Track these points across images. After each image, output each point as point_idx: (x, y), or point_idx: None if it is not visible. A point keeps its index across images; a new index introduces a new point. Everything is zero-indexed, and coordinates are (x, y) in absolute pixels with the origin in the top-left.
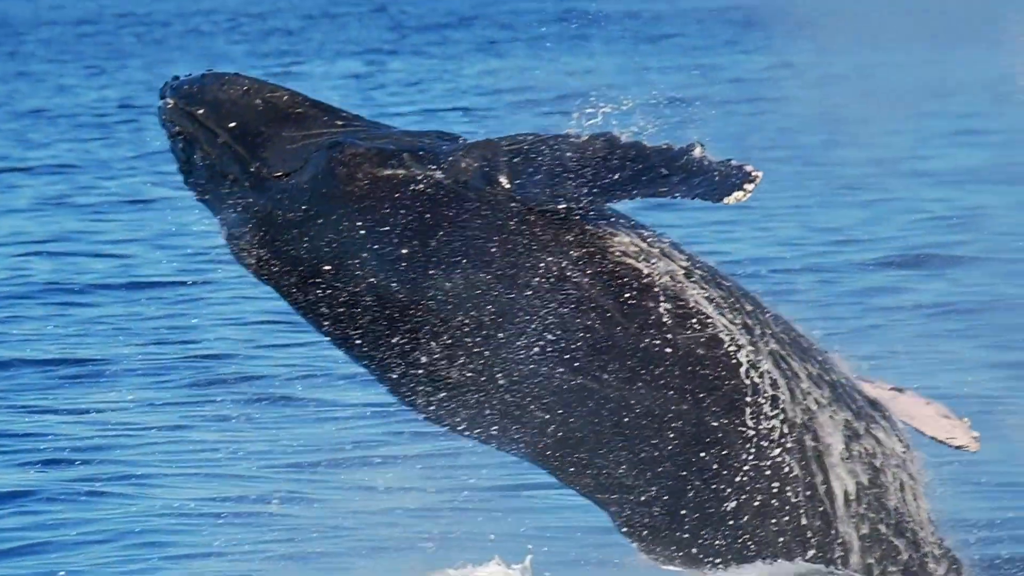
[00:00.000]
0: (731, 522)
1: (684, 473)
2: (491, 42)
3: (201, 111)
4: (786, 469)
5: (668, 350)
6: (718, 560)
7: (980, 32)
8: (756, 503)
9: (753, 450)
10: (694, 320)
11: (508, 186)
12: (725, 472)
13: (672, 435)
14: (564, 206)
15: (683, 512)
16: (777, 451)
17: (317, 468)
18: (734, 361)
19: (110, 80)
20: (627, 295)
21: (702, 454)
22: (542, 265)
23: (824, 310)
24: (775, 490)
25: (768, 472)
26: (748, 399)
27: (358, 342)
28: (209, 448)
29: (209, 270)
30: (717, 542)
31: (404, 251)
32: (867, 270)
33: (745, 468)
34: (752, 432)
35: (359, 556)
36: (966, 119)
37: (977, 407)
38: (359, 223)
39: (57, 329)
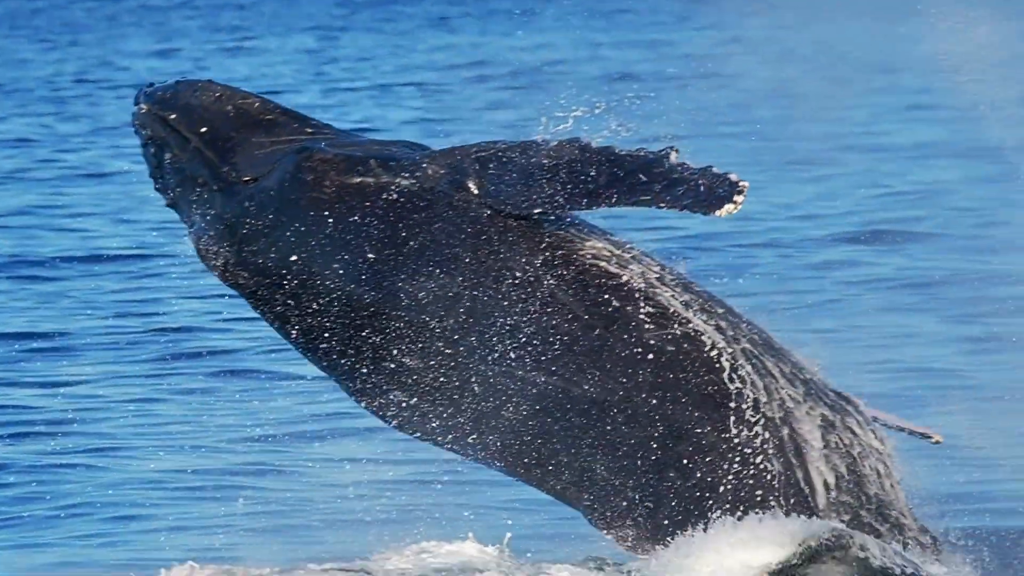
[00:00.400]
0: (711, 516)
1: (663, 470)
2: (442, 18)
3: (173, 116)
4: (766, 463)
5: (643, 351)
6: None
7: (929, 5)
8: (737, 497)
9: (733, 446)
10: (670, 321)
11: (477, 192)
12: (705, 468)
13: (651, 433)
14: (538, 211)
15: (662, 508)
16: (757, 444)
17: (286, 441)
18: (711, 360)
19: (64, 55)
20: (601, 297)
21: (681, 451)
22: (513, 269)
23: (783, 284)
24: (756, 483)
25: (749, 466)
26: (726, 397)
27: (324, 349)
28: (177, 421)
29: (171, 243)
30: (696, 534)
31: (371, 256)
32: (825, 245)
33: (725, 464)
34: (732, 428)
35: (329, 530)
36: (919, 95)
37: (939, 380)
38: (325, 228)
39: (19, 303)
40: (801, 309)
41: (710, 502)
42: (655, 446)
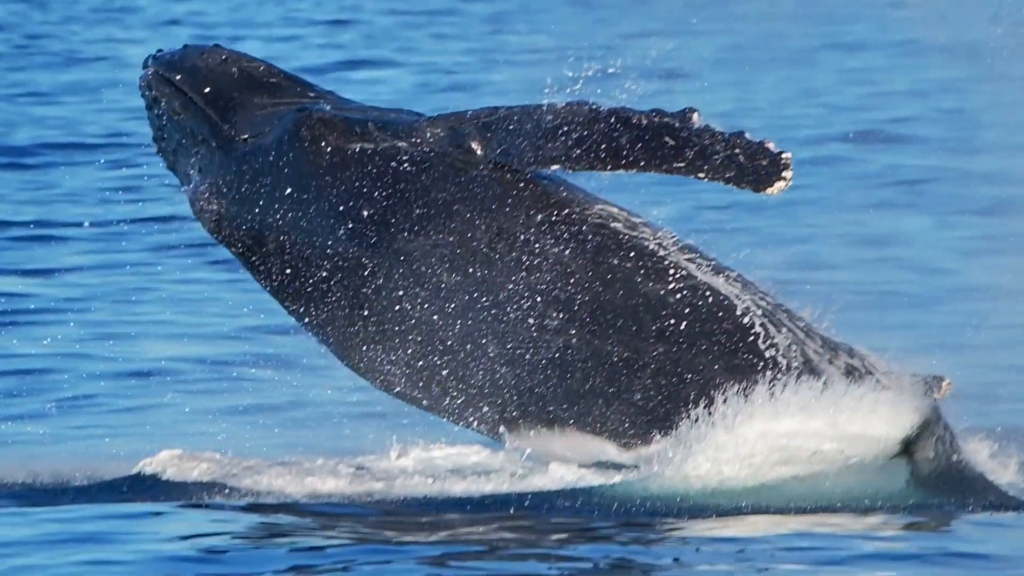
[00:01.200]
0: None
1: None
2: None
3: (179, 77)
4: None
5: (665, 311)
6: None
7: None
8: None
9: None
10: (688, 279)
11: (481, 151)
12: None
13: (677, 390)
14: (555, 166)
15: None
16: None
17: (288, 334)
18: (733, 315)
19: None
20: (612, 257)
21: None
22: (516, 229)
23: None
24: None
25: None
26: (751, 353)
27: (311, 304)
28: (171, 311)
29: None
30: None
31: (367, 216)
32: (812, 143)
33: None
34: (755, 379)
35: (326, 425)
36: None
37: (933, 280)
38: (321, 188)
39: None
40: (792, 207)
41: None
42: (681, 402)
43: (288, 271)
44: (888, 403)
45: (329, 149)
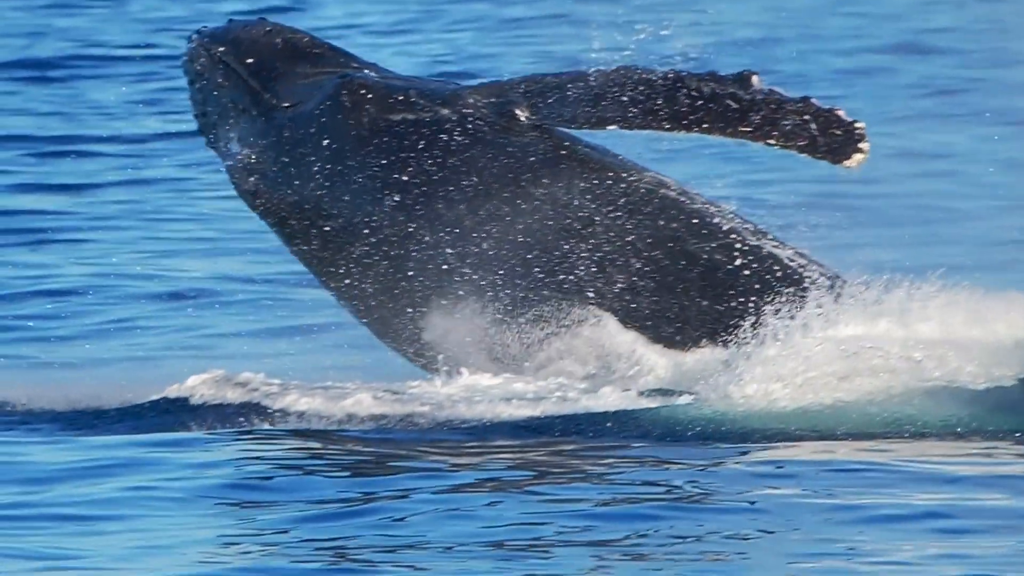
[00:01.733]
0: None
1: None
2: None
3: (222, 48)
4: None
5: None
6: None
7: None
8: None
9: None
10: (735, 242)
11: (526, 117)
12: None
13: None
14: (611, 127)
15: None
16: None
17: None
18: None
19: None
20: (668, 224)
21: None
22: (561, 194)
23: (808, 88)
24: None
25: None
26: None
27: (351, 274)
28: (203, 230)
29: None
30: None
31: (407, 182)
32: (852, 53)
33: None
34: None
35: (371, 350)
36: None
37: (974, 191)
38: (363, 153)
39: (30, 104)
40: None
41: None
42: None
43: (328, 241)
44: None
45: (370, 115)
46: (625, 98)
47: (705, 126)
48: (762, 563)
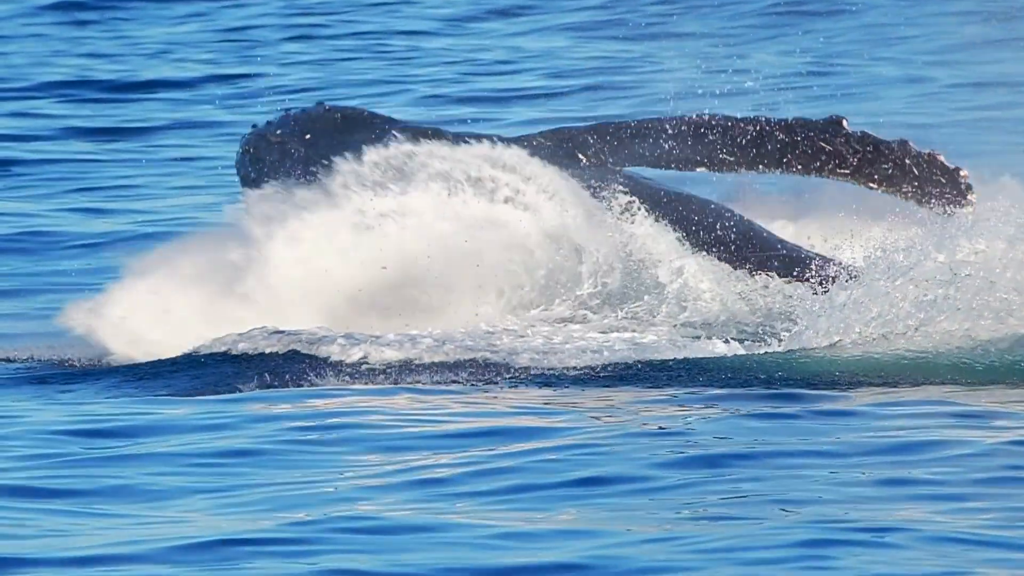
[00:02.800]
0: None
1: None
2: None
3: (279, 132)
4: None
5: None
6: None
7: None
8: None
9: None
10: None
11: (589, 161)
12: None
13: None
14: (700, 169)
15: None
16: None
17: None
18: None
19: None
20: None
21: None
22: None
23: (863, 16)
24: None
25: None
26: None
27: None
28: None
29: None
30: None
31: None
32: None
33: None
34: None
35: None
36: None
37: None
38: None
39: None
40: (893, 41)
41: None
42: None
43: None
44: None
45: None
46: (709, 143)
47: (799, 168)
48: (829, 503)
